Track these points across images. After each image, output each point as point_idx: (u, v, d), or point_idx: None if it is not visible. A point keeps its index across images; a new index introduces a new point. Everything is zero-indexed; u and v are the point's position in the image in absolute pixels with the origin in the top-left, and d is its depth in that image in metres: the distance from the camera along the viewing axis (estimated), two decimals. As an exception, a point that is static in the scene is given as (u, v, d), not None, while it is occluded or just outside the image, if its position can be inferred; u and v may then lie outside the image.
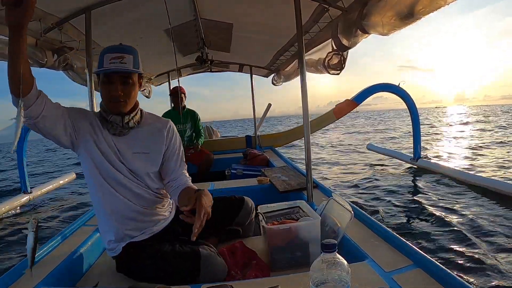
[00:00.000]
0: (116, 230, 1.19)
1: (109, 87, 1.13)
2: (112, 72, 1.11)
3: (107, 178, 1.17)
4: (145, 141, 1.23)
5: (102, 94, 1.16)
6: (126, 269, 1.21)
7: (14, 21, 0.84)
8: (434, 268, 0.97)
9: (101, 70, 1.11)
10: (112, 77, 1.12)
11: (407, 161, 4.27)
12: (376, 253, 1.15)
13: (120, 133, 1.19)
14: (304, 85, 1.75)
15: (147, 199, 1.23)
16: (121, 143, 1.19)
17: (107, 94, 1.14)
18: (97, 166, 1.16)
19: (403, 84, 3.79)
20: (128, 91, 1.14)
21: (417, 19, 1.41)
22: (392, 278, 0.97)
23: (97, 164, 1.16)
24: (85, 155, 1.16)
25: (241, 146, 4.44)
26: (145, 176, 1.22)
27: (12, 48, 0.88)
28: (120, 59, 1.11)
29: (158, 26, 2.66)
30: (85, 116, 1.18)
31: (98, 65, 1.14)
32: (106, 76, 1.12)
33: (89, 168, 1.17)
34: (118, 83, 1.12)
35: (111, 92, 1.13)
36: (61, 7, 1.88)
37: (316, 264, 0.70)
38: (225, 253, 1.27)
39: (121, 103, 1.14)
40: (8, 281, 1.07)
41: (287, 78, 4.25)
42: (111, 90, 1.12)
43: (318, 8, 2.13)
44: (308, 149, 1.78)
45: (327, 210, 1.47)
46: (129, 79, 1.14)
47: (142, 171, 1.21)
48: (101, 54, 1.13)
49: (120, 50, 1.13)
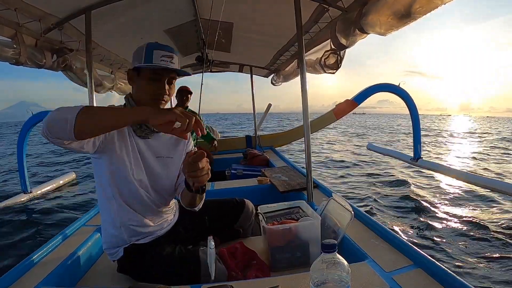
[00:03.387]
0: (122, 239, 1.16)
1: (158, 84, 1.08)
2: (165, 69, 1.07)
3: (123, 189, 1.11)
4: (169, 145, 1.21)
5: (143, 89, 1.09)
6: (127, 271, 1.21)
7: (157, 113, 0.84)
8: (434, 268, 0.97)
9: (157, 66, 1.05)
10: (162, 74, 1.08)
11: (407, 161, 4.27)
12: (376, 253, 1.15)
13: (145, 136, 1.14)
14: (304, 85, 1.74)
15: (157, 210, 1.22)
16: (145, 146, 1.15)
17: (154, 91, 1.08)
18: (115, 176, 1.09)
19: (403, 85, 3.78)
20: (172, 91, 1.13)
21: (414, 19, 1.41)
22: (392, 278, 0.97)
23: (116, 173, 1.09)
24: (105, 162, 1.08)
25: (241, 146, 4.44)
26: (162, 186, 1.19)
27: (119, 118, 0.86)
28: (170, 59, 1.08)
29: (158, 26, 2.66)
30: None
31: (144, 59, 1.06)
32: (155, 72, 1.07)
33: (106, 176, 1.10)
34: (165, 82, 1.09)
35: (159, 89, 1.08)
36: (61, 7, 1.88)
37: (316, 264, 0.70)
38: (225, 253, 1.27)
39: (163, 103, 1.10)
40: (8, 281, 1.07)
41: (286, 78, 4.24)
42: (160, 87, 1.08)
43: (318, 8, 2.13)
44: (308, 149, 1.78)
45: (327, 210, 1.47)
46: (174, 80, 1.13)
47: (163, 178, 1.18)
48: (146, 48, 1.07)
49: (170, 49, 1.09)
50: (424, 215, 3.20)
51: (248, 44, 3.50)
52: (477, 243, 2.41)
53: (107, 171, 1.09)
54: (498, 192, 3.35)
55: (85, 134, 0.87)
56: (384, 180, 5.12)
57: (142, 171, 1.14)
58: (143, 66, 1.07)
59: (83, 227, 1.63)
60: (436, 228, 2.79)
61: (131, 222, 1.15)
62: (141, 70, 1.09)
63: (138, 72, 1.10)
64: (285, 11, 2.14)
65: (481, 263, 2.08)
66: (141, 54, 1.07)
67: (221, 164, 3.68)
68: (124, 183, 1.11)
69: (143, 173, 1.14)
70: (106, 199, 1.13)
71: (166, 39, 2.96)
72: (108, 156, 1.07)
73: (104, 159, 1.08)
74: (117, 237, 1.16)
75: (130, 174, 1.10)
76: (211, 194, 2.24)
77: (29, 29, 1.89)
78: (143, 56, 1.07)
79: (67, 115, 0.82)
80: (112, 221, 1.15)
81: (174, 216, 1.34)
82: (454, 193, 4.02)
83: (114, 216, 1.14)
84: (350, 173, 6.08)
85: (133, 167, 1.11)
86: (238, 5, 2.42)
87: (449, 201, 3.68)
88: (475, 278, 1.94)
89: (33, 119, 3.85)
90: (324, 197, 1.81)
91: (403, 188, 4.51)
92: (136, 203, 1.14)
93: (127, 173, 1.10)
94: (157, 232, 1.22)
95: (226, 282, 1.00)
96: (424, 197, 3.87)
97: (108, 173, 1.09)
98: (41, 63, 2.09)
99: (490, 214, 3.07)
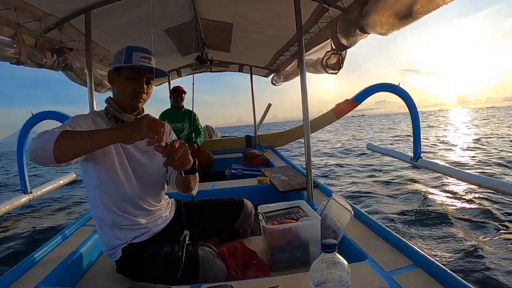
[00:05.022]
0: (118, 238, 1.17)
1: (136, 83, 1.14)
2: (143, 68, 1.14)
3: (110, 191, 1.13)
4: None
5: (123, 88, 1.15)
6: (126, 271, 1.21)
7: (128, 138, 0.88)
8: (434, 268, 0.97)
9: (136, 65, 1.12)
10: (141, 74, 1.15)
11: (407, 161, 4.27)
12: (376, 253, 1.15)
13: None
14: (304, 85, 1.75)
15: (148, 208, 1.22)
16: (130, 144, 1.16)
17: (131, 89, 1.14)
18: (101, 178, 1.12)
19: (402, 84, 3.78)
20: (149, 91, 1.20)
21: (416, 19, 1.41)
22: (392, 278, 0.97)
23: (103, 175, 1.11)
24: (91, 167, 1.11)
25: (241, 146, 4.44)
26: (151, 179, 1.22)
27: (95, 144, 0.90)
28: (149, 60, 1.15)
29: (158, 26, 2.66)
30: (89, 123, 1.10)
31: (124, 59, 1.13)
32: (134, 71, 1.14)
33: (93, 180, 1.12)
34: (143, 81, 1.15)
35: (138, 88, 1.14)
36: (61, 7, 1.88)
37: (316, 264, 0.70)
38: (225, 253, 1.27)
39: (141, 100, 1.17)
40: (8, 281, 1.07)
41: (286, 78, 4.25)
42: (138, 86, 1.14)
43: (318, 8, 2.13)
44: (308, 149, 1.78)
45: (327, 210, 1.47)
46: (152, 80, 1.19)
47: (151, 170, 1.22)
48: (126, 50, 1.14)
49: (148, 52, 1.16)
50: (424, 215, 3.20)
51: (248, 44, 3.50)
52: (478, 243, 2.41)
53: (94, 175, 1.12)
54: (498, 192, 3.35)
55: (65, 159, 0.91)
56: (384, 180, 5.12)
57: (128, 171, 1.16)
58: (124, 66, 1.13)
59: (83, 227, 1.63)
60: (436, 228, 2.79)
61: (122, 223, 1.16)
62: (121, 70, 1.15)
63: (118, 72, 1.16)
64: (285, 11, 2.14)
65: (481, 263, 2.08)
66: (121, 55, 1.14)
67: (221, 164, 3.68)
68: (112, 184, 1.13)
69: (130, 172, 1.16)
70: (96, 202, 1.15)
71: (166, 39, 2.96)
72: (94, 161, 1.10)
73: (90, 164, 1.11)
74: (113, 238, 1.17)
75: (117, 175, 1.13)
76: (211, 194, 2.24)
77: (29, 29, 1.89)
78: (123, 57, 1.13)
79: (46, 144, 0.87)
80: (105, 222, 1.17)
81: (170, 213, 1.35)
82: (454, 192, 4.02)
83: (105, 218, 1.16)
84: (350, 173, 6.08)
85: (119, 166, 1.14)
86: (238, 5, 2.42)
87: (449, 201, 3.68)
88: (475, 278, 1.94)
89: (33, 120, 3.85)
90: (324, 197, 1.81)
91: (403, 188, 4.51)
92: (125, 204, 1.16)
93: (114, 174, 1.13)
94: (153, 229, 1.23)
95: (226, 282, 1.00)
96: (424, 197, 3.88)
97: (95, 177, 1.12)
98: (42, 63, 2.09)
99: (490, 214, 3.07)
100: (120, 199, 1.15)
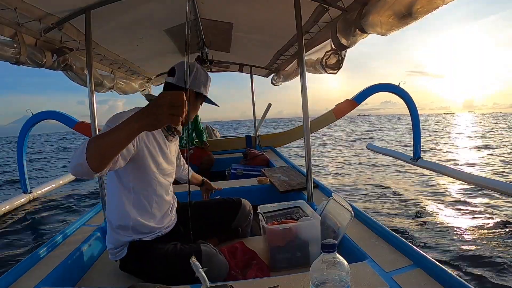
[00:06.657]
0: (129, 236, 1.18)
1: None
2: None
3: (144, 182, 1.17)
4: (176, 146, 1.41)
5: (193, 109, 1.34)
6: (130, 268, 1.22)
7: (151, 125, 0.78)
8: (434, 268, 0.97)
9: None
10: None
11: (407, 161, 4.27)
12: (376, 253, 1.15)
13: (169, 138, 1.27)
14: (304, 85, 1.75)
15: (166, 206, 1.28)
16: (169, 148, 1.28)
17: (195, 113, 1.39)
18: (140, 170, 1.14)
19: (403, 84, 3.78)
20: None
21: (416, 19, 1.41)
22: (392, 278, 0.97)
23: (142, 168, 1.14)
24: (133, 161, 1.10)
25: (241, 146, 4.44)
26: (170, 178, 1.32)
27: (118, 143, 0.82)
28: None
29: (158, 26, 2.66)
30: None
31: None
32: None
33: (130, 171, 1.13)
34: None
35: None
36: (61, 7, 1.88)
37: (316, 264, 0.70)
38: (226, 253, 1.27)
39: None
40: (8, 280, 1.07)
41: (286, 78, 4.24)
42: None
43: (318, 8, 2.13)
44: (308, 149, 1.78)
45: (327, 210, 1.47)
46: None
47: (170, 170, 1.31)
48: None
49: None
50: (425, 215, 3.20)
51: (248, 44, 3.50)
52: (477, 243, 2.41)
53: (133, 167, 1.12)
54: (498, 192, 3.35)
55: (104, 165, 0.86)
56: (384, 179, 5.13)
57: (162, 161, 1.23)
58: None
59: (83, 227, 1.63)
60: (436, 228, 2.79)
61: (139, 223, 1.18)
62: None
63: (196, 95, 1.32)
64: (285, 11, 2.14)
65: (481, 263, 2.08)
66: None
67: (221, 164, 3.69)
68: (148, 175, 1.17)
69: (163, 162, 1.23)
70: (124, 194, 1.16)
71: (166, 39, 2.95)
72: (138, 158, 1.12)
73: (134, 160, 1.10)
74: (124, 236, 1.18)
75: (155, 167, 1.18)
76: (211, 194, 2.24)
77: (29, 28, 1.89)
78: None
79: (79, 159, 0.82)
80: (120, 224, 1.17)
81: (175, 217, 1.37)
82: (454, 192, 4.02)
83: (125, 219, 1.16)
84: (350, 173, 6.09)
85: (157, 159, 1.19)
86: (238, 5, 2.42)
87: (449, 201, 3.69)
88: (475, 278, 1.94)
89: (33, 120, 3.85)
90: (324, 197, 1.81)
91: (404, 187, 4.51)
92: (151, 195, 1.21)
93: (153, 165, 1.17)
94: (162, 230, 1.25)
95: (226, 282, 1.00)
96: (425, 197, 3.88)
97: (133, 169, 1.13)
98: (42, 63, 2.09)
99: (490, 214, 3.07)
100: (149, 199, 1.20)
